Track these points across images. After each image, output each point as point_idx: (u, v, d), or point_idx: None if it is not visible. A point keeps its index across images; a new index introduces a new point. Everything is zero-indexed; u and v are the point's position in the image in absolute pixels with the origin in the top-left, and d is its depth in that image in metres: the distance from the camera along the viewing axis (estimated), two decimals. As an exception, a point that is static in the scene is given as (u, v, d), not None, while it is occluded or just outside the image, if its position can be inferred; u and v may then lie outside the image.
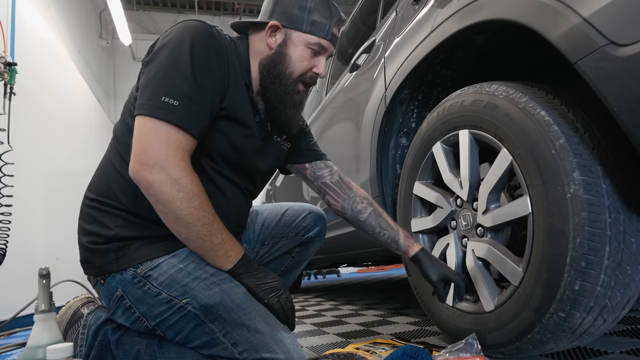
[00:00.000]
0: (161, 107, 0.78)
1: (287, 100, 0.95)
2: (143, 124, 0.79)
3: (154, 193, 0.78)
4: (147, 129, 0.78)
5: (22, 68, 2.21)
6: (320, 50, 0.95)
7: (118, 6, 5.88)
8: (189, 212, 0.78)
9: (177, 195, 0.77)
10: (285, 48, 0.93)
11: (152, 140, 0.78)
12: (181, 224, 0.80)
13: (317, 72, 0.96)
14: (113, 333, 0.92)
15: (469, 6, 0.93)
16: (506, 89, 0.85)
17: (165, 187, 0.77)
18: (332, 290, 3.66)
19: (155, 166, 0.76)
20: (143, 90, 0.82)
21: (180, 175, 0.78)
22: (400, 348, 0.86)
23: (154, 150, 0.77)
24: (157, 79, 0.81)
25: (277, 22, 0.93)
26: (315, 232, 1.23)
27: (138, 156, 0.78)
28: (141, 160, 0.77)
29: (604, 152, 0.72)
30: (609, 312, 0.74)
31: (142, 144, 0.78)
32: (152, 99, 0.79)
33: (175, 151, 0.78)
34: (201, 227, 0.80)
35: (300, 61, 0.93)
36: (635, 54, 0.57)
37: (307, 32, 0.93)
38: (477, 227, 0.94)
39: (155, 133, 0.78)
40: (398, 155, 1.40)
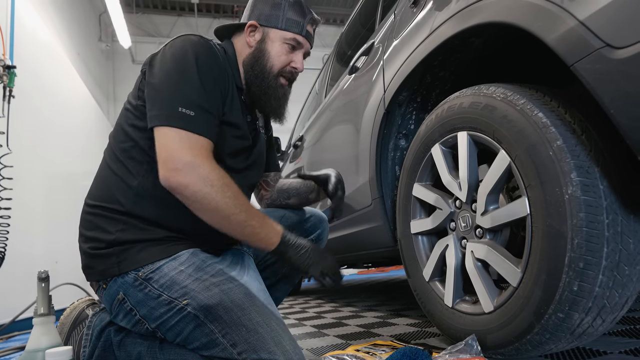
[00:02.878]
0: (179, 117, 0.83)
1: (270, 93, 1.02)
2: (165, 134, 0.83)
3: (189, 194, 0.81)
4: (170, 137, 0.83)
5: (21, 71, 2.21)
6: (297, 45, 1.03)
7: (117, 9, 5.89)
8: (225, 203, 0.82)
9: (211, 191, 0.81)
10: (264, 45, 1.01)
11: (176, 146, 0.82)
12: (221, 216, 0.83)
13: (295, 67, 1.04)
14: (116, 334, 0.92)
15: (466, 9, 0.94)
16: (504, 91, 0.86)
17: (199, 185, 0.80)
18: (332, 292, 3.66)
19: (184, 169, 0.80)
20: (154, 102, 0.85)
21: (209, 171, 0.82)
22: (400, 349, 0.86)
23: (181, 155, 0.81)
24: (169, 91, 0.85)
25: (254, 22, 1.02)
26: (316, 235, 1.23)
27: (166, 164, 0.81)
28: (170, 166, 0.81)
29: (602, 153, 0.72)
30: (608, 313, 0.75)
31: (168, 152, 0.82)
32: (169, 110, 0.83)
33: (199, 151, 0.83)
34: (239, 214, 0.84)
35: (278, 56, 1.01)
36: (631, 56, 0.57)
37: (283, 28, 1.01)
38: (476, 228, 0.94)
39: (179, 140, 0.82)
40: (397, 157, 1.41)
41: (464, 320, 0.95)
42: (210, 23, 9.03)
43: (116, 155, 0.93)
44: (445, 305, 1.02)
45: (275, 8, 1.02)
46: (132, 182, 0.90)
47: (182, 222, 0.92)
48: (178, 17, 8.88)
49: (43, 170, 2.99)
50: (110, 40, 7.96)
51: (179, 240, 0.91)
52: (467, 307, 0.96)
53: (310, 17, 1.05)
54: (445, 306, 1.02)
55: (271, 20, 1.02)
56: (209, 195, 0.81)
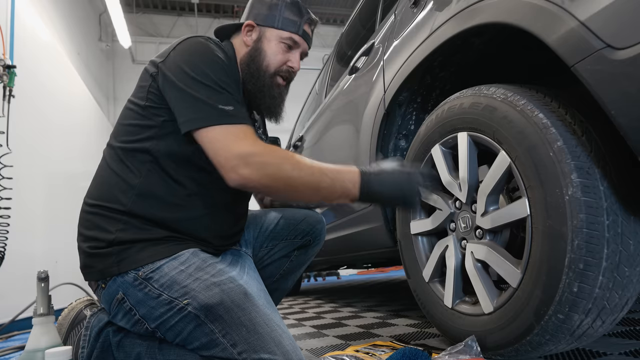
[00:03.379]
0: (223, 114, 0.85)
1: (265, 91, 1.02)
2: (213, 134, 0.85)
3: (257, 185, 0.84)
4: (219, 136, 0.84)
5: (21, 70, 2.21)
6: (293, 45, 1.04)
7: (117, 9, 5.89)
8: (290, 177, 0.84)
9: (271, 172, 0.83)
10: (261, 43, 1.02)
11: (226, 143, 0.84)
12: (292, 190, 0.86)
13: (291, 66, 1.04)
14: (114, 335, 0.92)
15: (467, 9, 0.94)
16: (504, 92, 0.86)
17: (260, 173, 0.83)
18: (332, 293, 3.66)
19: (240, 163, 0.82)
20: (189, 105, 0.86)
21: (260, 157, 0.84)
22: (400, 350, 0.86)
23: (232, 151, 0.83)
24: (203, 92, 0.86)
25: (252, 22, 1.04)
26: (313, 235, 1.23)
27: (224, 167, 0.84)
28: (229, 166, 0.83)
29: (602, 154, 0.72)
30: (608, 314, 0.75)
31: (221, 154, 0.84)
32: (210, 109, 0.85)
33: (247, 140, 0.84)
34: (308, 179, 0.85)
35: (274, 55, 1.02)
36: (631, 57, 0.57)
37: (279, 28, 1.02)
38: (476, 229, 0.94)
39: (227, 135, 0.84)
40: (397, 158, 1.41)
41: (464, 321, 0.95)
42: (210, 23, 9.03)
43: (117, 154, 0.93)
44: (445, 306, 1.02)
45: (272, 8, 1.03)
46: (133, 182, 0.90)
47: (182, 222, 0.92)
48: (178, 17, 8.89)
49: (43, 170, 2.99)
50: (110, 40, 7.96)
51: (179, 240, 0.91)
52: (467, 308, 0.96)
53: (307, 17, 1.05)
54: (445, 307, 1.02)
55: (268, 19, 1.03)
56: (271, 179, 0.83)
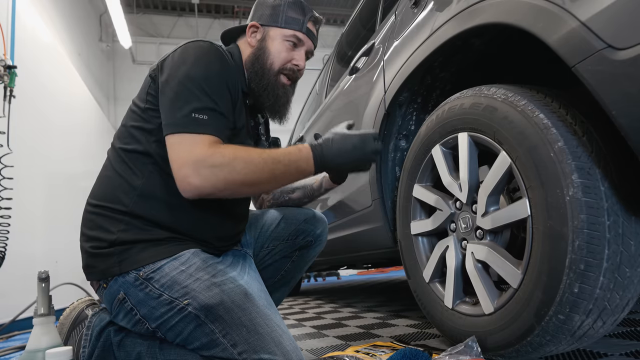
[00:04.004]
0: (192, 122, 0.84)
1: (270, 90, 1.02)
2: (173, 142, 0.84)
3: (210, 191, 0.83)
4: (176, 146, 0.84)
5: (21, 71, 2.21)
6: (298, 42, 1.04)
7: (118, 9, 5.89)
8: (244, 174, 0.83)
9: (223, 177, 0.82)
10: (265, 43, 1.03)
11: (180, 153, 0.83)
12: (250, 186, 0.86)
13: (296, 64, 1.04)
14: (115, 335, 0.92)
15: (467, 10, 0.94)
16: (505, 92, 0.86)
17: (212, 180, 0.81)
18: (332, 293, 3.66)
19: (192, 173, 0.81)
20: (168, 109, 0.86)
21: (211, 160, 0.82)
22: (400, 351, 0.86)
23: (185, 160, 0.82)
24: (183, 97, 0.85)
25: (255, 22, 1.04)
26: (315, 236, 1.23)
27: (177, 177, 0.83)
28: (180, 177, 0.82)
29: (603, 154, 0.72)
30: (608, 315, 0.74)
31: (175, 164, 0.83)
32: (182, 117, 0.84)
33: (201, 148, 0.83)
34: (261, 171, 0.84)
35: (278, 53, 1.02)
36: (632, 57, 0.57)
37: (283, 26, 1.03)
38: (476, 229, 0.94)
39: (184, 144, 0.83)
40: (397, 158, 1.41)
41: (464, 322, 0.95)
42: (210, 23, 9.03)
43: (120, 156, 0.93)
44: (445, 306, 1.02)
45: (275, 8, 1.04)
46: (136, 183, 0.90)
47: (183, 223, 0.92)
48: (178, 18, 8.89)
49: (43, 170, 2.99)
50: (111, 40, 7.96)
51: (180, 241, 0.91)
52: (467, 308, 0.96)
53: (310, 15, 1.06)
54: (445, 307, 1.02)
55: (271, 19, 1.03)
56: (224, 182, 0.82)
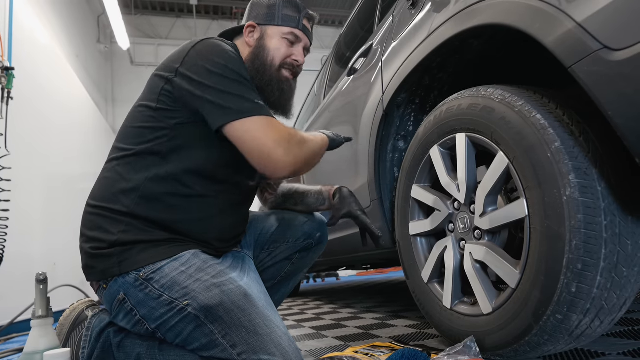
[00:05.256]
0: (254, 106, 0.89)
1: (274, 85, 1.05)
2: (248, 127, 0.88)
3: (300, 167, 0.93)
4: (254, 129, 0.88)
5: (19, 72, 2.21)
6: (295, 39, 1.07)
7: (116, 10, 5.89)
8: (315, 146, 1.00)
9: (306, 150, 0.95)
10: (263, 41, 1.05)
11: (266, 134, 0.88)
12: (317, 156, 1.02)
13: (296, 59, 1.07)
14: (115, 336, 0.92)
15: (465, 11, 0.94)
16: (502, 93, 0.86)
17: (301, 155, 0.92)
18: (331, 294, 3.66)
19: (286, 152, 0.88)
20: (222, 101, 0.88)
21: (296, 137, 0.92)
22: (399, 351, 0.86)
23: (274, 140, 0.88)
24: (234, 88, 0.89)
25: (252, 22, 1.06)
26: (316, 238, 1.23)
27: (273, 155, 0.88)
28: (278, 156, 0.88)
29: (600, 155, 0.72)
30: (606, 314, 0.75)
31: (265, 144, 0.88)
32: (247, 102, 0.89)
33: (281, 127, 0.91)
34: (318, 142, 1.04)
35: (277, 49, 1.05)
36: (628, 58, 0.57)
37: (280, 24, 1.05)
38: (474, 230, 0.95)
39: (259, 128, 0.88)
40: (396, 159, 1.41)
41: (463, 322, 0.95)
42: (209, 25, 9.03)
43: (123, 157, 0.93)
44: (444, 306, 1.02)
45: (270, 7, 1.06)
46: (137, 184, 0.90)
47: (184, 224, 0.92)
48: (177, 19, 8.88)
49: (41, 172, 2.98)
50: (109, 41, 7.96)
51: (181, 242, 0.91)
52: (466, 308, 0.96)
53: (305, 12, 1.08)
54: (444, 307, 1.02)
55: (268, 18, 1.06)
56: (307, 153, 0.94)
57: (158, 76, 0.94)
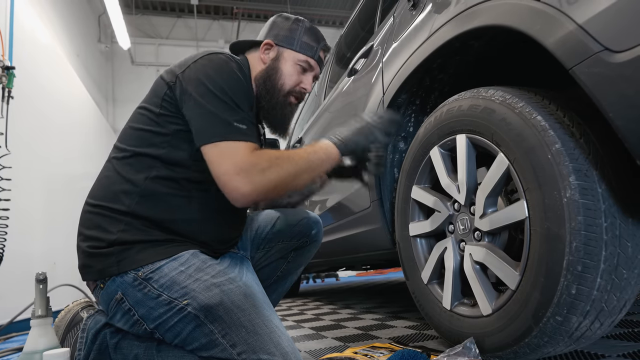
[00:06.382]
0: (234, 130, 0.86)
1: (278, 109, 1.05)
2: (216, 152, 0.85)
3: (264, 196, 0.86)
4: (220, 154, 0.85)
5: (20, 72, 2.21)
6: (308, 68, 1.08)
7: (117, 10, 5.89)
8: (289, 170, 0.88)
9: (274, 177, 0.85)
10: (278, 63, 1.05)
11: (227, 162, 0.84)
12: (295, 180, 0.89)
13: (304, 87, 1.08)
14: (112, 337, 0.92)
15: (466, 12, 0.94)
16: (503, 94, 0.86)
17: (265, 183, 0.84)
18: (331, 294, 3.66)
19: (245, 182, 0.83)
20: (205, 119, 0.88)
21: (261, 164, 0.85)
22: (398, 352, 0.86)
23: (234, 170, 0.83)
24: (220, 108, 0.87)
25: (271, 41, 1.06)
26: (310, 236, 1.24)
27: (229, 185, 0.84)
28: (233, 187, 0.83)
29: (600, 156, 0.72)
30: (606, 316, 0.75)
31: (225, 173, 0.84)
32: (225, 125, 0.86)
33: (246, 155, 0.85)
34: (301, 164, 0.90)
35: (290, 75, 1.06)
36: (629, 60, 0.57)
37: (297, 50, 1.06)
38: (474, 231, 0.94)
39: (224, 154, 0.85)
40: (396, 160, 1.41)
41: (462, 323, 0.95)
42: (209, 24, 9.04)
43: (124, 157, 0.93)
44: (444, 307, 1.02)
45: (292, 31, 1.07)
46: (138, 184, 0.90)
47: (184, 225, 0.92)
48: (177, 19, 8.89)
49: (42, 171, 2.98)
50: (110, 41, 7.96)
51: (180, 243, 0.91)
52: (466, 309, 0.96)
53: (323, 44, 1.10)
54: (444, 309, 1.02)
55: (287, 41, 1.06)
56: (275, 182, 0.85)
57: (161, 78, 0.95)
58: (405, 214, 1.19)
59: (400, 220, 1.21)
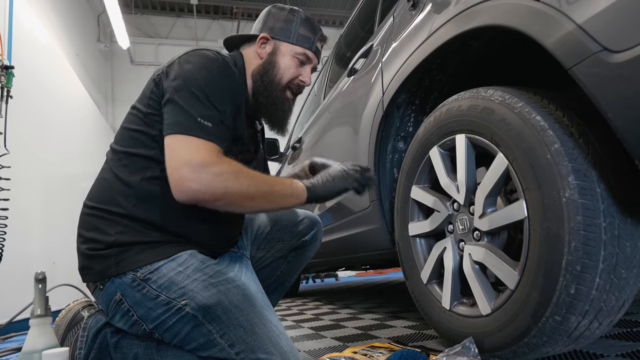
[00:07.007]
0: (198, 127, 0.83)
1: (278, 105, 1.03)
2: (174, 142, 0.83)
3: (207, 198, 0.81)
4: (177, 145, 0.83)
5: (19, 71, 2.21)
6: (306, 60, 1.06)
7: (116, 9, 5.88)
8: (245, 186, 0.83)
9: (224, 185, 0.81)
10: (275, 57, 1.03)
11: (180, 153, 0.82)
12: (247, 200, 0.84)
13: (303, 80, 1.06)
14: (112, 336, 0.92)
15: (465, 12, 0.94)
16: (502, 94, 0.86)
17: (212, 186, 0.80)
18: (330, 294, 3.66)
19: (191, 176, 0.79)
20: (173, 112, 0.85)
21: (216, 168, 0.81)
22: (398, 352, 0.87)
23: (184, 161, 0.81)
24: (190, 103, 0.85)
25: (267, 34, 1.04)
26: (310, 236, 1.24)
27: (175, 174, 0.81)
28: (179, 176, 0.80)
29: (599, 156, 0.72)
30: (605, 316, 0.75)
31: (175, 161, 0.82)
32: (189, 119, 0.83)
33: (203, 152, 0.82)
34: (261, 187, 0.85)
35: (287, 68, 1.03)
36: (628, 60, 0.57)
37: (294, 43, 1.04)
38: (473, 231, 0.95)
39: (181, 146, 0.82)
40: (395, 160, 1.41)
41: (462, 323, 0.95)
42: (209, 24, 9.03)
43: (120, 159, 0.93)
44: (443, 307, 1.02)
45: (287, 23, 1.05)
46: (135, 186, 0.90)
47: (182, 226, 0.92)
48: (177, 18, 8.88)
49: (41, 171, 2.98)
50: (109, 40, 7.95)
51: (178, 243, 0.91)
52: (465, 309, 0.96)
53: (320, 34, 1.08)
54: (443, 308, 1.02)
55: (283, 34, 1.04)
56: (225, 189, 0.81)
57: (153, 78, 0.95)
58: (404, 214, 1.19)
59: (400, 220, 1.21)
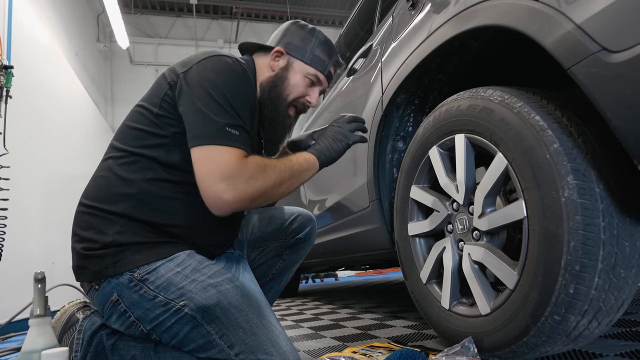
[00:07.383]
0: (226, 135, 0.85)
1: (279, 120, 1.04)
2: (204, 155, 0.85)
3: (247, 204, 0.85)
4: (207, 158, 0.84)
5: (18, 71, 2.21)
6: (316, 82, 1.06)
7: (116, 9, 5.88)
8: (272, 178, 0.88)
9: (258, 186, 0.85)
10: (286, 72, 1.03)
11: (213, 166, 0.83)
12: (277, 188, 0.89)
13: (309, 101, 1.06)
14: (108, 338, 0.91)
15: (464, 12, 0.94)
16: (501, 94, 0.86)
17: (250, 191, 0.83)
18: (330, 294, 3.66)
19: (228, 188, 0.82)
20: (199, 121, 0.86)
21: (248, 172, 0.84)
22: (397, 352, 0.87)
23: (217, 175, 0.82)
24: (215, 111, 0.86)
25: (282, 49, 1.04)
26: (304, 234, 1.24)
27: (211, 190, 0.82)
28: (216, 192, 0.82)
29: (598, 156, 0.72)
30: (604, 315, 0.75)
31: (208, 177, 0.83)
32: (217, 129, 0.85)
33: (233, 161, 0.84)
34: (284, 173, 0.90)
35: (297, 86, 1.03)
36: (627, 60, 0.57)
37: (308, 63, 1.04)
38: (473, 230, 0.95)
39: (211, 157, 0.84)
40: (395, 159, 1.41)
41: (461, 323, 0.96)
42: (208, 24, 9.03)
43: (121, 157, 0.92)
44: (442, 307, 1.02)
45: (304, 42, 1.05)
46: (135, 185, 0.89)
47: (180, 227, 0.92)
48: (176, 18, 8.88)
49: (40, 171, 2.98)
50: (109, 40, 7.95)
51: (176, 244, 0.91)
52: (464, 309, 0.96)
53: (335, 59, 1.08)
54: (442, 308, 1.02)
55: (298, 52, 1.04)
56: (260, 188, 0.85)
57: (163, 77, 0.94)
58: (404, 214, 1.19)
59: (399, 219, 1.21)
